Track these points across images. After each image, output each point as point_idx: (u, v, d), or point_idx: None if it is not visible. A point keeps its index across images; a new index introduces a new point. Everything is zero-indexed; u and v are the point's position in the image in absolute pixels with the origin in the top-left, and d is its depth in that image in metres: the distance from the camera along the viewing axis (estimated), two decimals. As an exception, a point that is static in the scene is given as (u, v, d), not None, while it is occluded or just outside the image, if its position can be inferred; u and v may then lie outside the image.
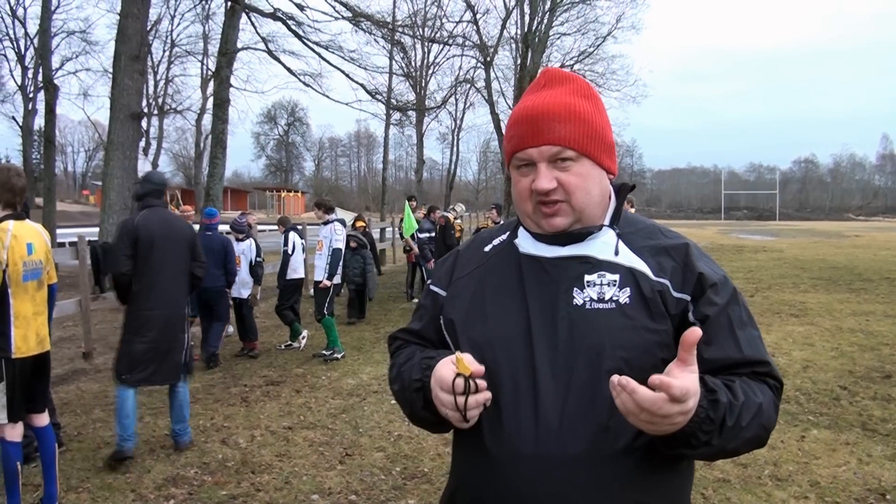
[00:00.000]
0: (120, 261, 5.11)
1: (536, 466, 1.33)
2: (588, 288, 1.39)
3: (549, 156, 1.39)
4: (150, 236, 5.17)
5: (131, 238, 5.13)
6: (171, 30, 40.25)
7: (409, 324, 1.68)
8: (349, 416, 6.22)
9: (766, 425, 1.33)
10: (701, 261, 1.43)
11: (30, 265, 4.04)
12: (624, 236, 1.45)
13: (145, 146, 37.19)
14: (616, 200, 1.51)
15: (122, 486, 4.71)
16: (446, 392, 1.33)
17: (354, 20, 17.79)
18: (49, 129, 23.26)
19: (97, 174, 56.29)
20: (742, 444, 1.33)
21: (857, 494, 4.43)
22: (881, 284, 14.72)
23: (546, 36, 31.80)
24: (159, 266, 5.22)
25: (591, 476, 1.31)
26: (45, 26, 22.99)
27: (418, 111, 32.13)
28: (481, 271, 1.53)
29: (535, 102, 1.43)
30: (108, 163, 13.40)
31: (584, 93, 1.45)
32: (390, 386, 1.60)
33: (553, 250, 1.45)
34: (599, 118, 1.43)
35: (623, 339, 1.34)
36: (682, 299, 1.38)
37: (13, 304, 3.96)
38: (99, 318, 10.88)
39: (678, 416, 1.18)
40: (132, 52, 13.26)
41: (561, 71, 1.50)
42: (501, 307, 1.45)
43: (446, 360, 1.38)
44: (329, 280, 8.53)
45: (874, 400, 6.39)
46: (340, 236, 8.65)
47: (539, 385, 1.34)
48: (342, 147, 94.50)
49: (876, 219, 70.98)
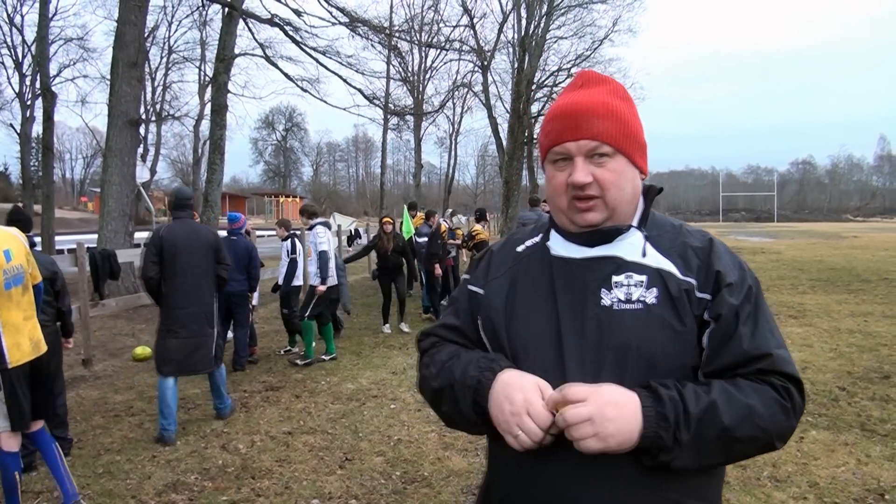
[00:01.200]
0: (148, 267, 5.80)
1: (568, 465, 1.36)
2: (616, 289, 1.41)
3: (587, 150, 1.43)
4: (174, 244, 5.83)
5: (157, 247, 5.81)
6: (168, 36, 40.30)
7: (443, 319, 1.67)
8: (349, 420, 6.22)
9: (764, 426, 1.33)
10: (721, 259, 1.44)
11: (10, 272, 3.95)
12: (651, 238, 1.47)
13: (143, 152, 37.26)
14: (644, 202, 1.54)
15: (122, 493, 4.71)
16: (538, 426, 1.32)
17: (352, 25, 17.82)
18: (47, 136, 23.25)
19: (95, 181, 56.33)
20: (738, 446, 1.33)
21: (856, 495, 4.43)
22: (879, 285, 14.74)
23: (543, 40, 31.83)
24: (184, 270, 5.88)
25: (621, 474, 1.34)
26: (42, 33, 22.98)
27: (416, 116, 32.23)
28: (514, 272, 1.56)
29: (573, 100, 1.47)
30: (107, 169, 13.41)
31: (620, 94, 1.50)
32: (426, 383, 1.58)
33: (582, 251, 1.48)
34: (634, 119, 1.48)
35: (649, 339, 1.36)
36: (704, 299, 1.40)
37: (0, 314, 3.90)
38: (98, 324, 10.88)
39: (598, 418, 1.26)
40: (130, 58, 13.28)
41: (597, 73, 1.55)
42: (533, 308, 1.47)
43: (532, 384, 1.37)
44: (323, 284, 8.56)
45: (873, 400, 6.40)
46: (324, 238, 8.69)
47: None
48: (340, 152, 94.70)
49: (874, 219, 71.10)
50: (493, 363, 1.44)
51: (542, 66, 33.50)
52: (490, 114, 34.93)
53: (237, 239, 8.46)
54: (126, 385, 7.61)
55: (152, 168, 41.87)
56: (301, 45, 17.53)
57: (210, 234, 6.21)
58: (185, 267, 5.89)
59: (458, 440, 5.60)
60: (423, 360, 1.64)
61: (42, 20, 22.75)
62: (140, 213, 34.32)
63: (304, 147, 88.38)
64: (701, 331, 1.39)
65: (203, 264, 6.02)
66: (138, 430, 6.02)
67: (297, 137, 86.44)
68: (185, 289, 5.89)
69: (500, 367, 1.42)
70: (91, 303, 9.11)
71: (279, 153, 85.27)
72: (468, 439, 5.59)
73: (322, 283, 8.55)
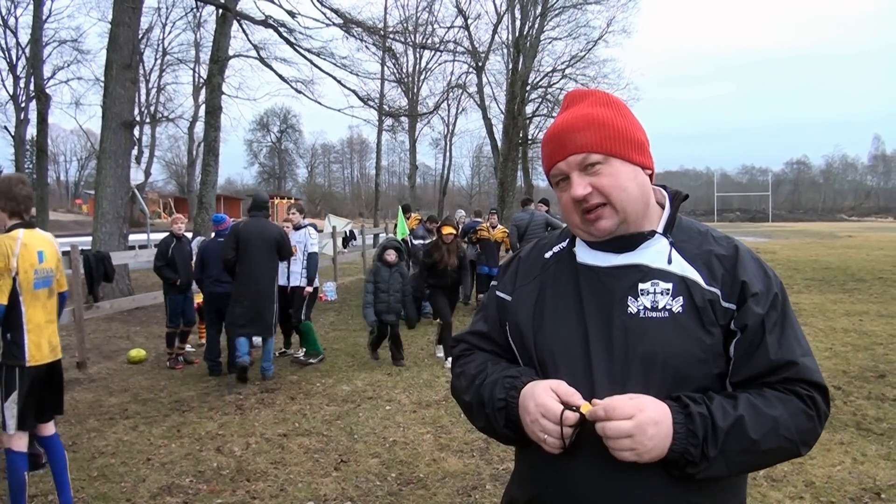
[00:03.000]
0: (227, 251, 7.57)
1: (594, 469, 1.38)
2: (642, 296, 1.43)
3: (577, 164, 1.45)
4: (248, 237, 7.60)
5: (234, 238, 7.60)
6: (162, 38, 40.38)
7: (473, 325, 1.71)
8: (344, 422, 6.20)
9: (790, 437, 1.35)
10: (747, 268, 1.44)
11: (41, 273, 4.07)
12: (677, 244, 1.48)
13: (138, 154, 37.22)
14: (670, 208, 1.54)
15: (116, 496, 4.69)
16: (551, 422, 1.36)
17: (346, 27, 17.81)
18: (41, 138, 23.25)
19: (90, 183, 56.12)
20: (763, 457, 1.37)
21: (853, 494, 4.44)
22: (874, 284, 14.78)
23: (537, 41, 31.87)
24: (252, 257, 7.57)
25: (646, 479, 1.35)
26: (36, 36, 22.98)
27: (411, 117, 32.24)
28: (542, 280, 1.57)
29: (558, 122, 1.52)
30: (101, 171, 13.38)
31: (602, 102, 1.52)
32: (458, 393, 1.64)
33: (608, 259, 1.49)
34: (622, 120, 1.49)
35: (675, 347, 1.37)
36: (730, 309, 1.41)
37: (25, 312, 3.99)
38: (93, 327, 10.84)
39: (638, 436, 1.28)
40: (124, 60, 13.26)
41: (581, 90, 1.59)
42: (561, 316, 1.49)
43: (544, 387, 1.40)
44: (309, 286, 8.57)
45: (868, 399, 6.41)
46: (315, 240, 8.70)
47: (596, 392, 1.39)
48: (335, 153, 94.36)
49: (868, 219, 71.25)
50: (517, 380, 1.47)
51: (537, 66, 33.51)
52: (485, 115, 34.98)
53: (224, 241, 8.37)
54: (121, 387, 7.58)
55: (147, 170, 41.77)
56: (295, 46, 17.52)
57: (276, 230, 7.87)
58: (253, 255, 7.55)
59: (453, 441, 5.59)
60: (455, 367, 1.69)
61: (36, 22, 22.75)
62: (135, 215, 34.29)
63: (298, 149, 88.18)
64: (727, 340, 1.40)
65: (266, 254, 7.65)
66: (133, 433, 5.99)
67: (291, 139, 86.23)
68: (252, 271, 7.56)
69: (524, 384, 1.45)
70: (85, 305, 9.08)
71: (274, 155, 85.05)
72: (464, 441, 5.58)
73: (309, 285, 8.57)
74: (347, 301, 14.24)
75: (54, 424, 4.44)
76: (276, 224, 8.25)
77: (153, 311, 12.59)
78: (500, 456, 5.20)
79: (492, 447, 5.41)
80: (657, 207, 1.54)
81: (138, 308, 12.10)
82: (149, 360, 8.99)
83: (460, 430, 5.82)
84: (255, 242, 7.56)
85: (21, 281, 3.96)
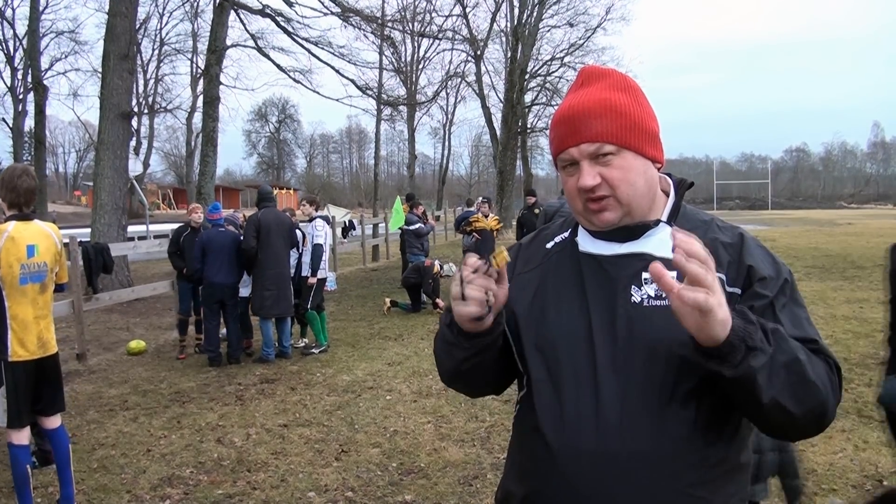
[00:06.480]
0: (248, 239, 8.09)
1: (596, 462, 1.35)
2: (646, 285, 1.40)
3: (589, 153, 1.40)
4: (268, 225, 8.19)
5: (255, 226, 8.14)
6: (159, 28, 40.11)
7: None
8: (344, 412, 6.20)
9: (823, 382, 1.29)
10: (753, 254, 1.42)
11: (30, 268, 3.98)
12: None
13: (136, 145, 37.04)
14: (675, 197, 1.52)
15: (117, 487, 4.69)
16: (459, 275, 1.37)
17: (343, 16, 17.73)
18: (39, 130, 23.21)
19: (88, 175, 56.01)
20: (799, 387, 1.26)
21: (855, 481, 4.44)
22: (874, 271, 14.75)
23: (536, 29, 31.82)
24: (272, 243, 8.21)
25: (649, 472, 1.33)
26: (33, 27, 22.90)
27: (409, 106, 32.10)
28: (543, 269, 1.55)
29: (571, 102, 1.45)
30: (99, 163, 13.36)
31: (621, 85, 1.46)
32: (435, 350, 1.62)
33: (611, 248, 1.46)
34: (638, 109, 1.44)
35: (680, 335, 1.31)
36: (734, 293, 1.37)
37: (9, 307, 3.92)
38: (92, 318, 10.83)
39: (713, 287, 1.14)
40: (121, 51, 13.21)
41: (598, 67, 1.52)
42: (563, 305, 1.46)
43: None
44: (314, 276, 8.57)
45: (869, 386, 6.40)
46: (321, 232, 8.72)
47: (600, 382, 1.36)
48: (334, 143, 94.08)
49: (868, 206, 71.12)
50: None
51: (536, 55, 33.50)
52: (483, 104, 34.95)
53: (223, 230, 8.40)
54: (120, 379, 7.57)
55: (145, 161, 41.73)
56: (293, 35, 17.46)
57: (287, 219, 8.64)
58: (273, 241, 8.19)
59: (454, 431, 5.58)
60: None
61: (33, 13, 22.67)
62: (134, 206, 34.20)
63: (297, 139, 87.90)
64: None
65: (284, 240, 8.35)
66: (133, 425, 5.99)
67: (290, 129, 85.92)
68: (272, 256, 8.19)
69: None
70: (84, 297, 9.07)
71: (272, 145, 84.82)
72: (464, 430, 5.58)
73: (313, 276, 8.56)
74: (347, 291, 14.21)
75: (60, 417, 4.40)
76: (286, 213, 8.94)
77: (152, 302, 12.60)
78: (501, 445, 5.20)
79: (493, 436, 5.41)
80: (662, 196, 1.51)
81: (138, 299, 12.09)
82: (148, 351, 8.99)
83: (461, 420, 5.82)
84: (275, 230, 8.21)
85: (4, 275, 3.89)
